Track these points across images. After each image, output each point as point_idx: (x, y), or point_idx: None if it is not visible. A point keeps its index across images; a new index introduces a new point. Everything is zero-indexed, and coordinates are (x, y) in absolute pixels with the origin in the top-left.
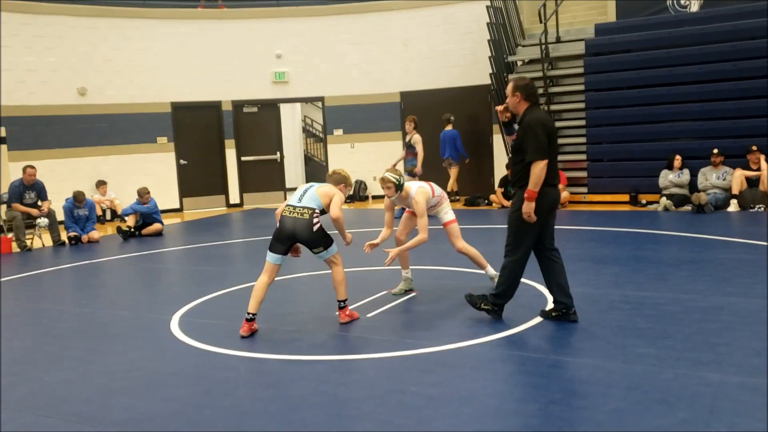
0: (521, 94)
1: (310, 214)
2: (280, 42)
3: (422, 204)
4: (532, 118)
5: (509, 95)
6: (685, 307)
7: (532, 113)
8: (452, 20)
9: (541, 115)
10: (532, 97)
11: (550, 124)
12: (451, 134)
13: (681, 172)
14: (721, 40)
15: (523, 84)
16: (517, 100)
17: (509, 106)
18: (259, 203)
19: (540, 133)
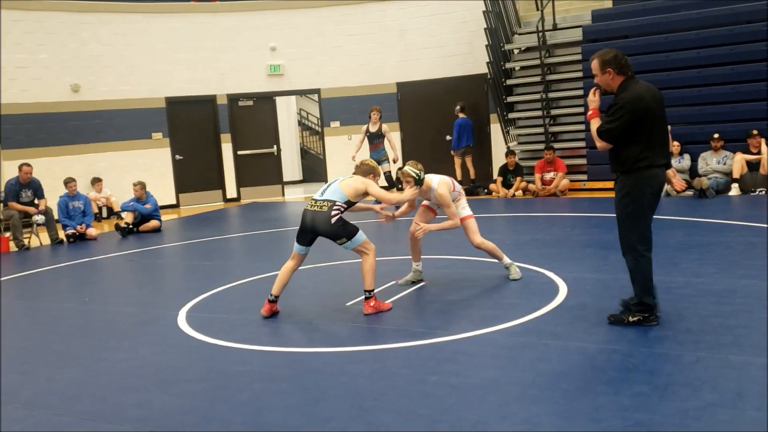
0: (613, 69)
1: (330, 206)
2: (275, 34)
3: (447, 195)
4: (624, 95)
5: (598, 73)
6: (699, 290)
7: (628, 89)
8: (448, 9)
9: (639, 89)
10: (626, 68)
11: (649, 100)
12: (468, 122)
13: (682, 158)
14: (718, 24)
15: (612, 56)
16: (610, 77)
17: (601, 84)
18: (256, 197)
19: (623, 116)
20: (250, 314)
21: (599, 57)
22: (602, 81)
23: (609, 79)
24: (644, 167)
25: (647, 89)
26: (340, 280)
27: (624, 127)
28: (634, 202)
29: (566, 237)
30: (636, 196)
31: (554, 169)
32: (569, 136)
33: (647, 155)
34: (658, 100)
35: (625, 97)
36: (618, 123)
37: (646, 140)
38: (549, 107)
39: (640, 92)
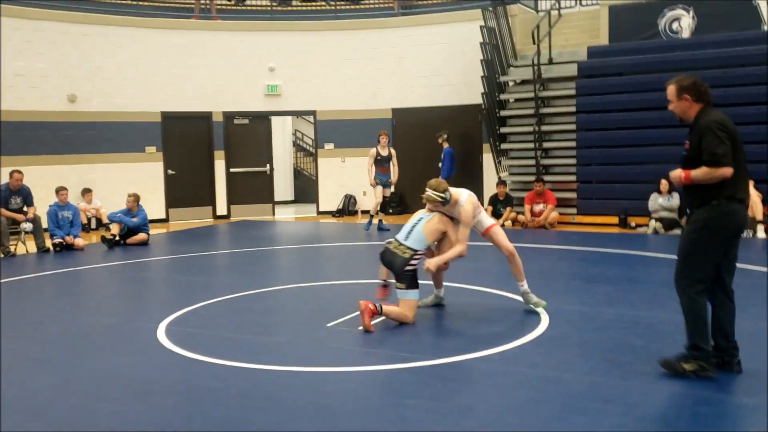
0: (691, 96)
1: (411, 255)
2: (274, 55)
3: (470, 213)
4: (708, 119)
5: (673, 99)
6: (679, 327)
7: (708, 115)
8: (445, 39)
9: (720, 115)
10: (704, 96)
11: (732, 127)
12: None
13: (670, 196)
14: (711, 66)
15: (690, 83)
16: (687, 104)
17: (675, 112)
18: (246, 215)
19: (722, 135)
20: (229, 330)
21: (676, 83)
22: (678, 108)
23: (686, 107)
24: (726, 199)
25: (726, 118)
26: (323, 301)
27: (730, 150)
28: (708, 237)
29: (552, 269)
30: (711, 231)
31: (544, 201)
32: (560, 170)
33: (730, 186)
34: (737, 131)
35: (718, 120)
36: (725, 147)
37: (735, 171)
38: (541, 140)
39: (725, 118)
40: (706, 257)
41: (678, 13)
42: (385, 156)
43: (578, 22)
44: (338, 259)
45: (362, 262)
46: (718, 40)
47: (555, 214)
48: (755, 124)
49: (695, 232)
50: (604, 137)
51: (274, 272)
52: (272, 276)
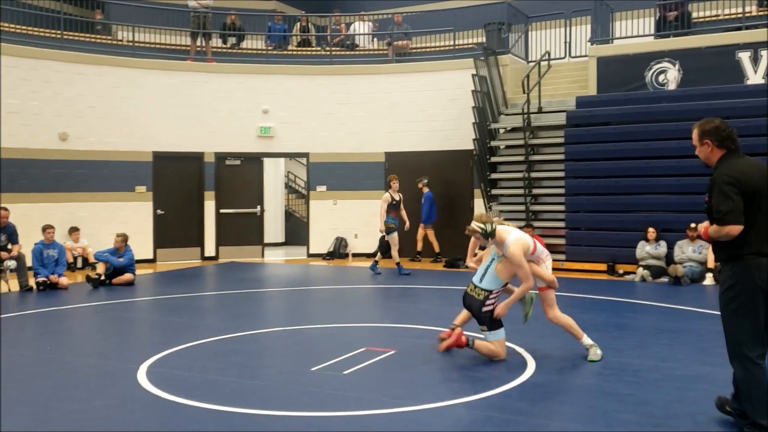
0: (712, 141)
1: (486, 296)
2: (268, 97)
3: (519, 255)
4: (719, 172)
5: (697, 144)
6: (665, 374)
7: (722, 166)
8: (438, 86)
9: (743, 165)
10: (727, 141)
11: (757, 178)
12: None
13: (658, 244)
14: (696, 118)
15: (712, 127)
16: (709, 149)
17: (700, 157)
18: (235, 257)
19: (732, 192)
20: (212, 373)
21: (699, 126)
22: (701, 153)
23: (708, 152)
24: (751, 254)
25: (753, 166)
26: (309, 344)
27: (738, 207)
28: (739, 296)
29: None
30: (742, 290)
31: None
32: (549, 216)
33: (755, 241)
34: (762, 180)
35: (728, 173)
36: (731, 203)
37: (753, 223)
38: (531, 186)
39: (743, 169)
40: (745, 319)
41: (664, 65)
42: (398, 200)
43: (567, 73)
44: (326, 303)
45: (350, 305)
46: (702, 92)
47: None
48: None
49: (725, 293)
50: (592, 185)
51: (261, 315)
52: (258, 318)
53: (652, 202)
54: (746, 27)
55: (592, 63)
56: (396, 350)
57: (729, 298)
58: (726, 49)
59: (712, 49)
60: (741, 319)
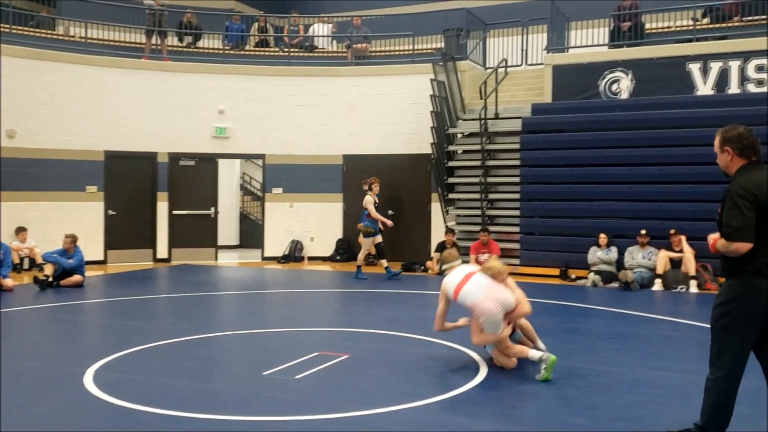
0: (733, 149)
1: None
2: (224, 98)
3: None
4: (735, 183)
5: (717, 151)
6: (614, 378)
7: (739, 177)
8: (397, 90)
9: (757, 177)
10: (748, 150)
11: (762, 192)
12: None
13: (609, 250)
14: (648, 127)
15: (735, 134)
16: (729, 157)
17: (720, 165)
18: (188, 259)
19: (744, 207)
20: (162, 377)
21: (721, 133)
22: (721, 161)
23: (728, 160)
24: (752, 272)
25: (764, 179)
26: (262, 348)
27: (750, 223)
28: (730, 313)
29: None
30: (734, 307)
31: (489, 251)
32: (505, 221)
33: (760, 259)
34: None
35: (744, 186)
36: (742, 219)
37: (762, 240)
38: (487, 191)
39: (761, 182)
40: (731, 338)
41: (618, 75)
42: (378, 203)
43: (524, 80)
44: (280, 307)
45: (305, 309)
46: (654, 102)
47: None
48: (688, 183)
49: (717, 308)
50: (547, 191)
51: (214, 318)
52: (211, 322)
53: (604, 209)
54: (696, 39)
55: (548, 71)
56: (349, 354)
57: (720, 314)
58: (677, 60)
59: (663, 60)
60: (725, 337)
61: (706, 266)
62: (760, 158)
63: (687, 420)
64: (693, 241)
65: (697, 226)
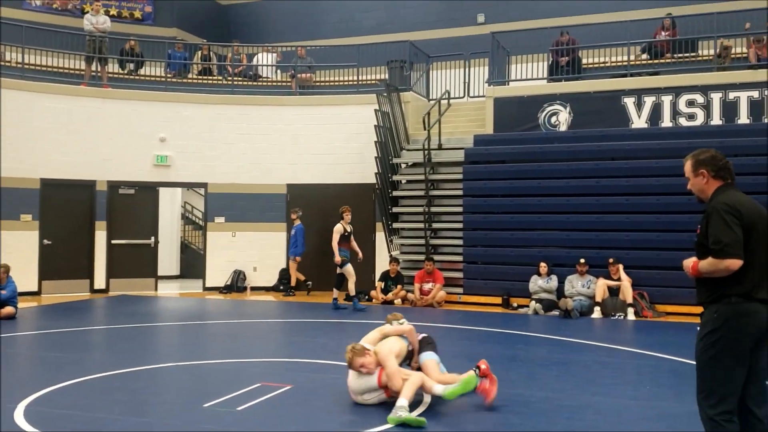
0: (708, 171)
1: None
2: (165, 125)
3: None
4: (717, 200)
5: (690, 176)
6: (554, 405)
7: (720, 195)
8: (341, 120)
9: (742, 197)
10: (723, 172)
11: (755, 214)
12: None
13: (549, 278)
14: (585, 158)
15: (708, 156)
16: (704, 180)
17: (693, 190)
18: (126, 290)
19: (733, 223)
20: (96, 411)
21: (692, 157)
22: (694, 185)
23: (702, 183)
24: (741, 297)
25: (751, 201)
26: (202, 380)
27: (739, 239)
28: (719, 343)
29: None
30: (722, 336)
31: (433, 280)
32: (449, 250)
33: (746, 282)
34: (765, 218)
35: (728, 203)
36: (732, 234)
37: (747, 263)
38: (431, 220)
39: (743, 201)
40: (724, 370)
41: (556, 108)
42: (350, 232)
43: (466, 112)
44: (221, 338)
45: (247, 340)
46: (591, 134)
47: (443, 293)
48: (625, 213)
49: (705, 337)
50: (489, 220)
51: (152, 350)
52: (149, 354)
53: (545, 238)
54: (631, 74)
55: (489, 103)
56: (292, 385)
57: (709, 344)
58: (613, 94)
59: (600, 94)
60: (714, 370)
61: (643, 294)
62: (734, 180)
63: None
64: (630, 269)
65: (634, 254)
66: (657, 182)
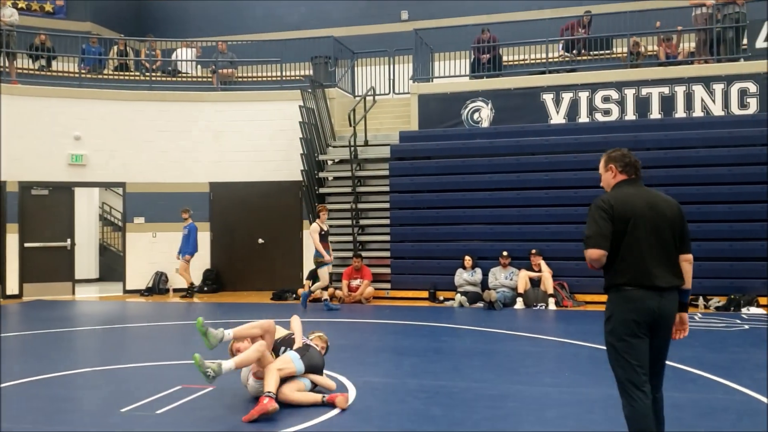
0: (616, 166)
1: None
2: (80, 123)
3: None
4: (599, 197)
5: (602, 171)
6: (476, 394)
7: (612, 190)
8: (265, 116)
9: (623, 192)
10: (629, 168)
11: (640, 205)
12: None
13: (474, 272)
14: (507, 154)
15: (619, 154)
16: (612, 175)
17: (603, 185)
18: (42, 295)
19: (599, 217)
20: (5, 422)
21: (606, 154)
22: (604, 180)
23: (610, 178)
24: (620, 285)
25: (635, 197)
26: (120, 384)
27: (602, 232)
28: (612, 331)
29: (364, 342)
30: (615, 320)
31: (361, 276)
32: (376, 246)
33: (628, 271)
34: (660, 211)
35: (605, 199)
36: (595, 227)
37: (628, 253)
38: (358, 217)
39: (625, 196)
40: (623, 352)
41: (478, 104)
42: (326, 231)
43: (391, 108)
44: (142, 341)
45: (168, 343)
46: (512, 130)
47: (371, 289)
48: (545, 207)
49: (605, 325)
50: (415, 216)
51: (67, 356)
52: (64, 360)
53: (469, 232)
54: (549, 71)
55: (414, 100)
56: (215, 386)
57: (607, 331)
58: (532, 90)
59: (520, 91)
60: (615, 356)
61: (563, 284)
62: (640, 177)
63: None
64: (550, 261)
65: (555, 246)
66: (575, 176)
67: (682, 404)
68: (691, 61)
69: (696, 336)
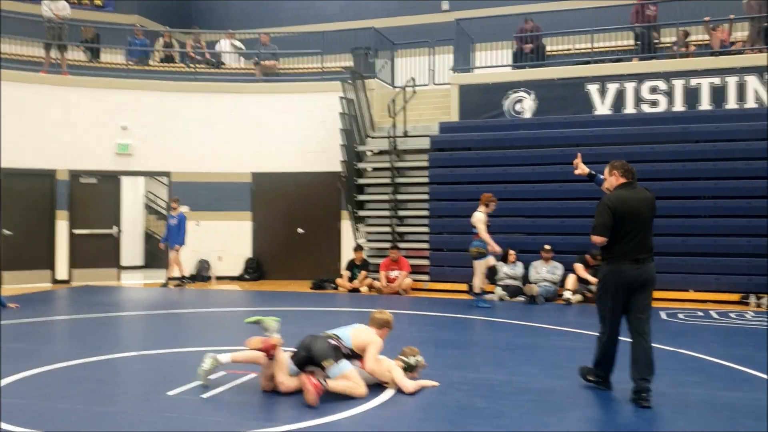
0: (618, 172)
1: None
2: (126, 113)
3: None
4: (606, 196)
5: (607, 176)
6: (519, 388)
7: (615, 190)
8: (306, 108)
9: (623, 192)
10: (628, 173)
11: (633, 202)
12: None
13: (515, 265)
14: (550, 145)
15: (620, 163)
16: (615, 179)
17: (607, 186)
18: (89, 280)
19: (605, 212)
20: (57, 401)
21: (610, 163)
22: (608, 183)
23: (614, 181)
24: (614, 259)
25: (635, 194)
26: (166, 369)
27: (605, 223)
28: (601, 289)
29: (402, 334)
30: (605, 283)
31: (399, 267)
32: (414, 237)
33: (618, 249)
34: (646, 203)
35: (610, 198)
36: (600, 219)
37: (621, 238)
38: (397, 208)
39: (624, 196)
40: (604, 306)
41: (521, 95)
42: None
43: (431, 99)
44: (186, 327)
45: (212, 329)
46: (555, 121)
47: (409, 281)
48: (589, 200)
49: (597, 284)
50: (455, 207)
51: (114, 340)
52: (112, 344)
53: (510, 225)
54: (594, 61)
55: (454, 90)
56: (257, 373)
57: (597, 288)
58: (576, 81)
59: (563, 81)
60: (601, 306)
61: None
62: (635, 180)
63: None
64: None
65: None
66: None
67: (736, 404)
68: (743, 50)
69: (748, 334)
